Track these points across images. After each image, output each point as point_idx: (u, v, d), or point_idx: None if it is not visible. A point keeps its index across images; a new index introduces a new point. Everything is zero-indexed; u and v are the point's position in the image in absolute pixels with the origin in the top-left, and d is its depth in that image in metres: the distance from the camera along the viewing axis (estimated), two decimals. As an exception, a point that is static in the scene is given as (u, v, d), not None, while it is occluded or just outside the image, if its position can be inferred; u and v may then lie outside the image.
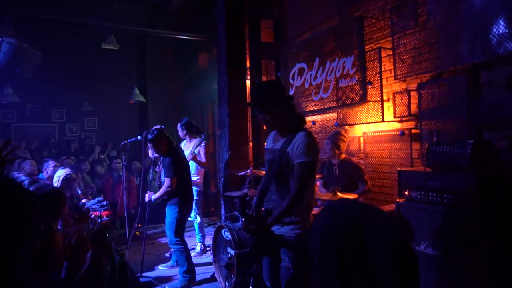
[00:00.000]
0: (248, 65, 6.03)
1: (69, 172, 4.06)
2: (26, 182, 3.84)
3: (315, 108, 5.06)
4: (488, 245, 2.56)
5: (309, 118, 5.39)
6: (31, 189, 2.97)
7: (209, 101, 9.03)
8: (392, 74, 3.94)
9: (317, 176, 4.01)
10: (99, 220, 3.88)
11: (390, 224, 0.90)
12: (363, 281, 0.83)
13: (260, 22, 5.98)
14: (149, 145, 4.08)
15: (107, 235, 2.00)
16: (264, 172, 4.34)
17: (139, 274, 3.83)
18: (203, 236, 5.30)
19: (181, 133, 5.33)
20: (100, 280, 1.70)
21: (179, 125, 5.33)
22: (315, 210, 3.65)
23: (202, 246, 5.25)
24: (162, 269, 4.55)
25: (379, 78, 4.01)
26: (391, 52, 3.93)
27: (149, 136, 4.01)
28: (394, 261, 0.83)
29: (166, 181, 4.03)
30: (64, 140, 9.63)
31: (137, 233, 6.26)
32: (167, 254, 5.21)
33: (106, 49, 7.70)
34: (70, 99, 9.51)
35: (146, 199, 4.23)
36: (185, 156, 4.44)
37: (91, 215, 4.74)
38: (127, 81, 9.07)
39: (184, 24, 8.80)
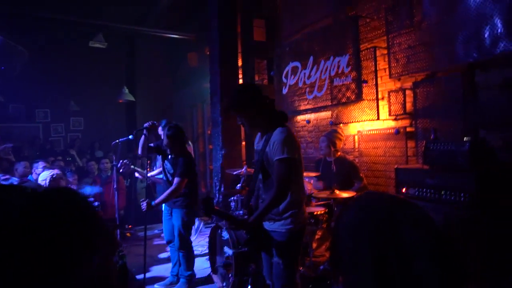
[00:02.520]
0: (240, 64, 6.01)
1: (55, 172, 3.93)
2: (16, 183, 3.73)
3: (309, 106, 5.07)
4: (481, 243, 2.60)
5: (302, 117, 5.41)
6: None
7: (199, 100, 8.96)
8: (387, 73, 3.98)
9: (313, 174, 4.03)
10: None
11: (427, 218, 0.86)
12: (402, 280, 0.78)
13: (252, 21, 5.97)
14: (165, 140, 3.79)
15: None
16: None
17: (143, 276, 3.71)
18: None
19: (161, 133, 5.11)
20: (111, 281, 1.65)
21: (160, 128, 5.09)
22: (312, 208, 3.67)
23: None
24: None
25: (374, 77, 4.05)
26: (386, 51, 3.97)
27: (168, 132, 3.74)
28: (435, 257, 0.79)
29: (176, 182, 3.74)
30: (49, 140, 9.40)
31: (128, 234, 6.17)
32: (161, 256, 5.13)
33: (94, 47, 7.55)
34: (55, 99, 9.28)
35: (144, 208, 3.68)
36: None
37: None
38: (115, 80, 8.91)
39: (174, 23, 8.71)
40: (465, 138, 2.82)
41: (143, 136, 4.07)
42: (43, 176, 3.94)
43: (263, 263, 2.67)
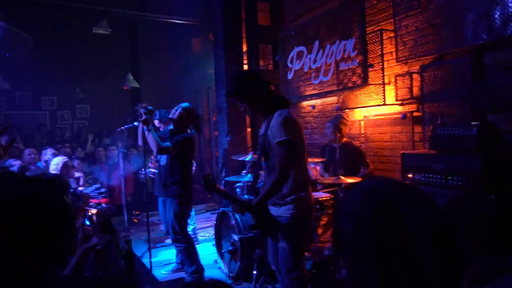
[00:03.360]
0: (245, 49, 5.94)
1: (67, 159, 3.99)
2: (16, 168, 3.77)
3: (315, 92, 5.02)
4: (487, 226, 2.59)
5: (308, 102, 5.36)
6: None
7: (204, 86, 8.92)
8: (394, 56, 3.90)
9: (319, 160, 4.01)
10: (99, 207, 3.84)
11: (430, 202, 0.85)
12: (403, 265, 0.78)
13: (257, 5, 5.87)
14: (176, 115, 3.57)
15: (112, 223, 1.97)
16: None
17: (149, 259, 3.73)
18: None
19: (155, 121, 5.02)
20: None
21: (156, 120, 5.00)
22: (318, 194, 3.66)
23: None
24: (164, 274, 4.06)
25: (380, 61, 3.98)
26: (392, 34, 3.89)
27: (183, 111, 3.56)
28: (436, 242, 0.78)
29: (165, 145, 3.45)
30: (56, 128, 9.45)
31: (135, 220, 6.24)
32: (168, 241, 5.19)
33: (98, 34, 7.51)
34: (61, 86, 9.29)
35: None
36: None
37: (90, 202, 4.69)
38: (120, 67, 8.88)
39: (177, 8, 8.60)
40: (473, 123, 2.78)
41: (139, 126, 3.66)
42: (56, 161, 4.00)
43: (269, 248, 2.69)
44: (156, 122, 4.99)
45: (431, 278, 0.75)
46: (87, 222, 2.60)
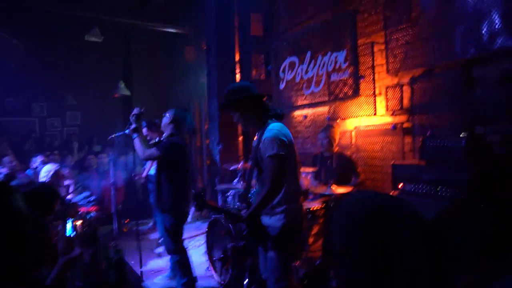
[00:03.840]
0: (237, 58, 5.99)
1: (58, 167, 3.95)
2: (1, 176, 3.73)
3: (306, 102, 5.07)
4: (475, 237, 2.62)
5: (299, 112, 5.40)
6: (14, 184, 2.88)
7: (196, 95, 8.92)
8: (385, 68, 3.97)
9: (310, 169, 4.03)
10: (88, 217, 3.79)
11: (416, 213, 0.88)
12: (392, 273, 0.80)
13: (249, 15, 5.94)
14: (166, 122, 3.51)
15: (97, 233, 1.96)
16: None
17: (141, 269, 3.68)
18: None
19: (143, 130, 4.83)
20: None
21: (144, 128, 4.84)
22: (309, 203, 3.68)
23: None
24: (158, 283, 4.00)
25: (371, 73, 4.05)
26: (383, 47, 3.96)
27: (176, 115, 3.49)
28: (423, 251, 0.81)
29: (152, 150, 3.35)
30: (45, 135, 9.35)
31: (125, 229, 6.16)
32: (158, 250, 5.14)
33: (91, 41, 7.50)
34: (51, 93, 9.21)
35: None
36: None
37: (79, 211, 4.63)
38: (112, 74, 8.87)
39: (171, 17, 8.64)
40: (461, 134, 2.83)
41: (136, 139, 3.42)
42: (47, 168, 3.96)
43: (260, 257, 2.70)
44: (144, 130, 4.97)
45: (419, 283, 0.77)
46: (70, 233, 2.57)
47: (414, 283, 0.79)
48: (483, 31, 3.01)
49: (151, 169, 5.05)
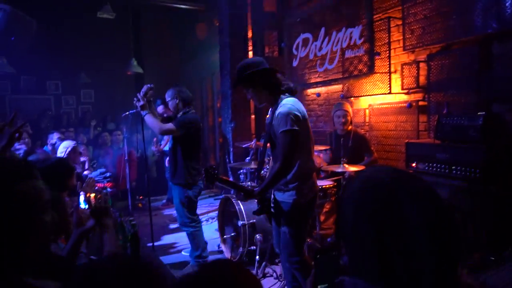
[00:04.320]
0: (250, 35, 5.89)
1: (75, 143, 4.02)
2: (21, 152, 3.81)
3: (319, 79, 4.99)
4: (488, 217, 2.60)
5: (313, 90, 5.34)
6: (31, 159, 2.94)
7: (208, 73, 8.87)
8: (401, 45, 3.86)
9: (323, 148, 4.01)
10: (104, 191, 3.88)
11: (429, 192, 0.86)
12: (401, 252, 0.79)
13: (263, -10, 5.80)
14: (172, 104, 3.56)
15: (111, 207, 1.99)
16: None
17: (150, 244, 3.80)
18: None
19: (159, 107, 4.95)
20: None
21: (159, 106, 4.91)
22: (321, 181, 3.68)
23: None
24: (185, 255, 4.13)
25: (387, 49, 3.95)
26: (400, 22, 3.84)
27: (182, 93, 3.52)
28: (433, 231, 0.79)
29: (169, 125, 3.44)
30: (61, 112, 9.49)
31: (140, 204, 6.30)
32: (172, 226, 5.26)
33: (102, 18, 7.46)
34: (65, 71, 9.26)
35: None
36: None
37: (95, 186, 4.73)
38: (124, 52, 8.85)
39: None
40: (479, 113, 2.76)
41: (147, 116, 3.49)
42: (65, 145, 4.04)
43: (273, 232, 2.74)
44: (160, 108, 5.00)
45: (427, 265, 0.77)
46: (85, 205, 2.63)
47: (423, 261, 0.78)
48: (506, 4, 2.87)
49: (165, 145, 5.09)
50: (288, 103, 2.37)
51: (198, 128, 3.57)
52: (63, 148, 3.96)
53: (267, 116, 2.60)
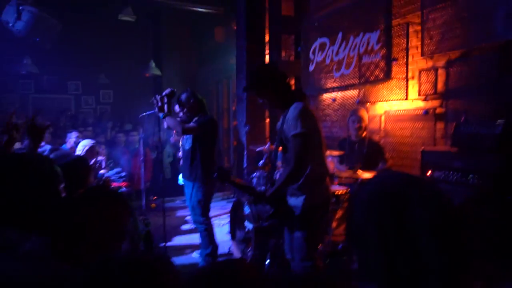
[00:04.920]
0: (267, 39, 5.91)
1: (94, 142, 4.11)
2: (47, 150, 3.92)
3: (336, 84, 4.96)
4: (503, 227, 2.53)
5: (328, 95, 5.31)
6: (52, 156, 3.02)
7: (225, 76, 8.94)
8: (419, 50, 3.81)
9: (336, 153, 3.98)
10: (119, 191, 3.95)
11: (439, 198, 0.85)
12: (405, 255, 0.79)
13: (280, -5, 5.81)
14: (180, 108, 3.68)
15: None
16: (279, 148, 4.41)
17: (163, 244, 3.84)
18: None
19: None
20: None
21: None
22: (334, 187, 3.65)
23: None
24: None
25: (405, 55, 3.90)
26: (419, 28, 3.78)
27: (191, 98, 3.62)
28: (438, 235, 0.79)
29: (191, 124, 3.57)
30: (79, 112, 9.72)
31: (153, 205, 6.38)
32: (183, 227, 5.30)
33: (123, 21, 7.62)
34: (86, 71, 9.51)
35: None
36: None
37: (111, 185, 4.82)
38: (143, 54, 9.03)
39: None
40: (498, 121, 2.69)
41: (168, 118, 3.63)
42: (84, 143, 4.14)
43: (285, 237, 2.72)
44: (175, 107, 5.05)
45: (434, 270, 0.76)
46: None
47: (428, 264, 0.78)
48: (529, 11, 2.81)
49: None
50: (298, 107, 2.39)
51: (216, 129, 3.74)
52: (81, 147, 4.05)
53: (279, 122, 2.61)
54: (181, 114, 4.03)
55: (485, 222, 2.51)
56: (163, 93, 3.61)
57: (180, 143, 5.05)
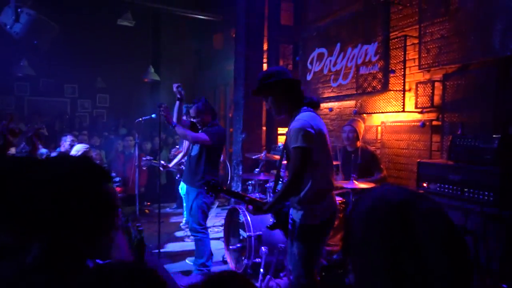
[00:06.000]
0: (265, 48, 5.94)
1: (88, 147, 4.08)
2: (44, 154, 3.89)
3: (333, 94, 4.98)
4: (501, 241, 2.53)
5: (325, 105, 5.32)
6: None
7: (222, 82, 8.96)
8: (416, 63, 3.84)
9: (336, 163, 3.98)
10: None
11: (440, 212, 0.85)
12: (412, 271, 0.78)
13: (280, 4, 5.86)
14: (194, 113, 3.70)
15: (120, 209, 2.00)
16: (276, 156, 4.40)
17: (157, 251, 3.80)
18: None
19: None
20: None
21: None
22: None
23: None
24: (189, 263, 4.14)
25: (402, 67, 3.92)
26: (416, 41, 3.82)
27: (201, 105, 3.68)
28: (446, 251, 0.78)
29: (202, 134, 3.60)
30: (75, 116, 9.66)
31: (147, 211, 6.32)
32: (177, 234, 5.25)
33: (122, 26, 7.63)
34: (83, 75, 9.47)
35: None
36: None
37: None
38: (141, 59, 9.02)
39: (201, 4, 8.67)
40: (494, 135, 2.71)
41: (177, 102, 3.79)
42: (78, 148, 4.11)
43: (288, 248, 2.58)
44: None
45: (439, 285, 0.75)
46: None
47: (435, 281, 0.77)
48: (526, 27, 2.84)
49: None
50: (302, 118, 2.26)
51: (224, 140, 3.86)
52: (75, 151, 4.02)
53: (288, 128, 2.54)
54: (184, 117, 4.05)
55: (483, 237, 2.51)
56: (174, 85, 3.74)
57: (181, 153, 5.04)
